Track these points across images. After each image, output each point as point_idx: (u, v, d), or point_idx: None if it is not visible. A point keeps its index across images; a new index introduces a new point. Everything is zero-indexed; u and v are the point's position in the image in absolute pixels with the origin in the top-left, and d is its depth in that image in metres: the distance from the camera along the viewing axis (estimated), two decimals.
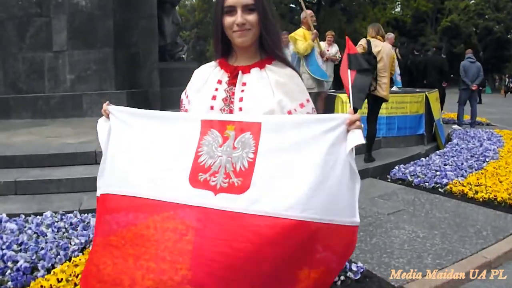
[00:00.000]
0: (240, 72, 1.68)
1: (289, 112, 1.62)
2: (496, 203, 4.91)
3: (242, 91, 1.65)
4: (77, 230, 3.53)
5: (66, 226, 3.61)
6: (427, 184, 5.60)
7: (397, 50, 12.25)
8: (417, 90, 8.65)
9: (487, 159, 6.67)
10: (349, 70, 1.67)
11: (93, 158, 5.22)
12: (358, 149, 1.53)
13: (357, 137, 1.45)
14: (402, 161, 6.60)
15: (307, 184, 1.41)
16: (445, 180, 5.57)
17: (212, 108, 1.65)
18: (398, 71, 10.00)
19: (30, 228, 3.49)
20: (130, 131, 1.65)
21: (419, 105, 7.84)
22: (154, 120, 1.63)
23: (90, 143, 5.88)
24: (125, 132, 1.67)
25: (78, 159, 5.24)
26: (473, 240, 3.91)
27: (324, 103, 7.47)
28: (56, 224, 3.60)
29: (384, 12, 50.17)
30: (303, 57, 7.02)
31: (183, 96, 1.84)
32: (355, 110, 1.99)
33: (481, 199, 5.01)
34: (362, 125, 1.51)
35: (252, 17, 1.62)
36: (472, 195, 5.13)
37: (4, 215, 3.78)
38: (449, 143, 8.20)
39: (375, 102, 6.39)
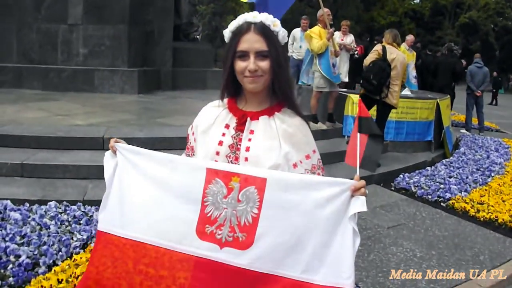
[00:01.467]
0: (248, 119, 1.67)
1: (295, 165, 1.62)
2: (496, 225, 4.91)
3: (250, 139, 1.64)
4: (80, 224, 3.57)
5: (70, 219, 3.65)
6: (430, 196, 5.61)
7: (418, 45, 12.09)
8: (429, 95, 8.58)
9: (492, 174, 6.65)
10: (358, 134, 1.66)
11: (101, 144, 5.26)
12: None
13: (361, 204, 1.47)
14: (408, 168, 6.59)
15: (309, 247, 1.46)
16: (448, 195, 5.57)
17: (218, 153, 1.65)
18: (414, 73, 9.92)
19: (33, 219, 3.54)
20: (137, 173, 1.66)
21: (430, 111, 7.80)
22: (160, 163, 1.63)
23: (98, 126, 5.92)
24: (132, 173, 1.67)
25: (86, 144, 5.27)
26: (469, 264, 3.93)
27: (335, 103, 7.43)
28: (59, 216, 3.64)
29: (403, 3, 49.51)
30: (316, 55, 6.96)
31: (189, 131, 1.83)
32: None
33: (482, 219, 5.02)
34: (367, 192, 1.52)
35: (264, 64, 1.60)
36: (474, 214, 5.13)
37: (9, 202, 3.82)
38: (456, 151, 8.16)
39: (385, 109, 6.38)
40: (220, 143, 1.67)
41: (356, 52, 9.73)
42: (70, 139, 5.29)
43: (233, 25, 1.69)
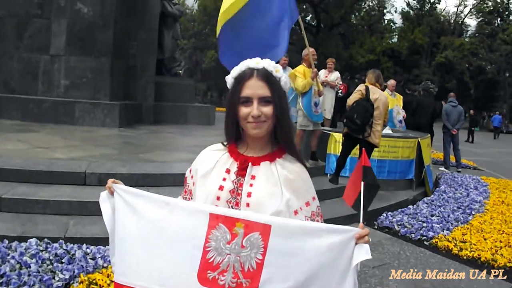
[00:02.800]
0: (250, 164, 1.67)
1: (295, 212, 1.61)
2: (479, 263, 4.93)
3: (251, 185, 1.63)
4: (62, 262, 3.47)
5: (51, 257, 3.53)
6: (413, 235, 5.63)
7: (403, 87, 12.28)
8: (410, 134, 8.71)
9: (473, 212, 6.73)
10: (362, 182, 1.68)
11: (82, 179, 5.17)
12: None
13: (365, 252, 1.48)
14: (390, 207, 6.62)
15: None
16: (431, 233, 5.60)
17: (218, 199, 1.62)
18: (399, 118, 10.02)
19: (13, 257, 3.42)
20: (135, 217, 1.62)
21: (411, 150, 7.92)
22: (161, 206, 1.59)
23: (79, 160, 5.82)
24: (131, 217, 1.63)
25: (67, 179, 5.17)
26: None
27: (318, 141, 7.48)
28: (40, 254, 3.52)
29: (381, 41, 50.88)
30: (300, 94, 7.04)
31: (187, 174, 1.81)
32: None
33: (465, 257, 5.03)
34: (370, 240, 1.51)
35: (267, 110, 1.60)
36: (457, 252, 5.15)
37: None
38: (437, 189, 8.25)
39: (367, 148, 6.44)
40: (221, 188, 1.64)
41: (340, 90, 9.87)
42: (51, 173, 5.17)
43: (236, 71, 1.70)
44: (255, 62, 1.67)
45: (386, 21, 56.74)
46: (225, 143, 1.77)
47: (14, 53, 10.00)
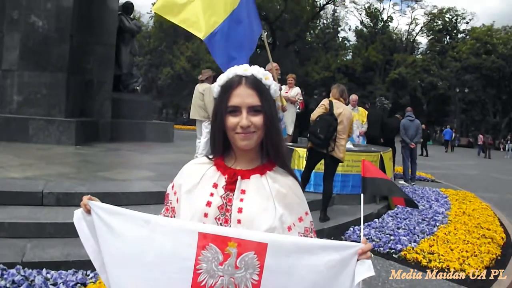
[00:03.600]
0: (239, 178, 1.54)
1: (289, 228, 1.50)
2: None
3: (241, 200, 1.50)
4: None
5: (8, 284, 3.27)
6: (381, 249, 5.60)
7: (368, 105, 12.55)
8: (373, 149, 8.78)
9: (437, 223, 6.79)
10: (362, 195, 1.61)
11: (39, 199, 4.89)
12: (313, 206, 1.47)
13: (367, 269, 1.39)
14: (356, 221, 6.58)
15: None
16: (399, 246, 5.59)
17: (206, 216, 1.49)
18: (357, 133, 10.13)
19: None
20: (115, 238, 1.46)
21: (374, 164, 7.94)
22: (141, 225, 1.44)
23: (36, 179, 5.54)
24: (110, 238, 1.47)
25: (23, 199, 4.86)
26: None
27: None
28: None
29: (336, 58, 51.98)
30: None
31: (169, 190, 1.66)
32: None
33: (434, 268, 5.03)
34: (372, 255, 1.42)
35: (257, 119, 1.49)
36: (426, 264, 5.15)
37: None
38: None
39: (332, 162, 6.41)
40: (209, 204, 1.50)
41: (297, 107, 9.87)
42: (5, 194, 4.85)
43: (222, 79, 1.58)
44: (243, 69, 1.55)
45: (340, 39, 58.30)
46: (210, 157, 1.64)
47: None
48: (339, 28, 57.51)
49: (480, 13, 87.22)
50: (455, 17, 54.47)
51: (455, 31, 55.00)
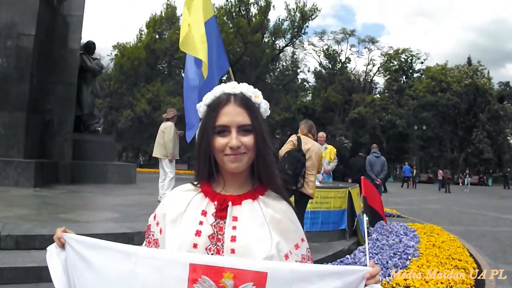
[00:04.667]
0: (230, 204, 1.42)
1: (286, 256, 1.38)
2: None
3: (234, 227, 1.38)
4: None
5: None
6: None
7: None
8: (340, 185, 8.78)
9: (409, 257, 6.74)
10: (364, 215, 1.54)
11: None
12: None
13: None
14: (328, 258, 6.48)
15: None
16: None
17: (195, 246, 1.35)
18: (327, 167, 10.17)
19: None
20: (93, 275, 1.31)
21: (343, 200, 7.93)
22: (122, 259, 1.29)
23: None
24: (87, 276, 1.32)
25: None
26: None
27: None
28: None
29: (296, 100, 52.86)
30: None
31: (151, 221, 1.51)
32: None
33: None
34: (380, 279, 1.32)
35: (248, 139, 1.39)
36: None
37: None
38: (369, 237, 8.26)
39: (302, 199, 6.33)
40: (198, 233, 1.37)
41: None
42: None
43: (209, 97, 1.47)
44: (231, 87, 1.45)
45: (300, 80, 59.35)
46: (195, 183, 1.51)
47: None
48: (299, 70, 58.73)
49: (433, 54, 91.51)
50: (410, 57, 56.72)
51: (411, 71, 57.23)
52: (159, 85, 45.93)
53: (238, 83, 1.48)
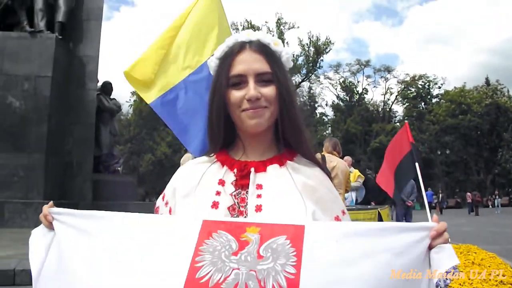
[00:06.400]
0: (252, 170, 1.17)
1: None
2: None
3: (259, 196, 1.13)
4: None
5: None
6: None
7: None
8: (369, 206, 8.47)
9: (448, 275, 6.35)
10: (417, 164, 1.31)
11: (11, 278, 4.40)
12: None
13: (449, 257, 0.98)
14: None
15: None
16: None
17: None
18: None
19: None
20: (89, 241, 1.08)
21: (372, 221, 7.58)
22: (125, 222, 1.08)
23: (8, 259, 5.03)
24: (81, 242, 1.09)
25: None
26: None
27: None
28: None
29: (316, 134, 52.66)
30: None
31: (159, 203, 1.28)
32: None
33: None
34: (449, 238, 1.04)
35: (268, 90, 1.15)
36: None
37: None
38: None
39: None
40: (215, 205, 1.13)
41: None
42: None
43: (220, 49, 1.24)
44: (246, 34, 1.22)
45: (318, 115, 59.16)
46: (210, 155, 1.27)
47: None
48: (316, 104, 58.71)
49: (450, 77, 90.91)
50: (428, 83, 56.19)
51: (429, 96, 56.60)
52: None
53: None
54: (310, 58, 51.47)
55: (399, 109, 59.49)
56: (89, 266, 1.02)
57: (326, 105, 60.28)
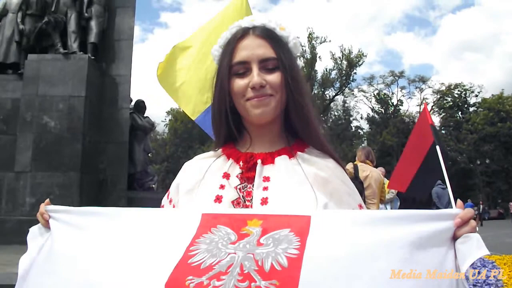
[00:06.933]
0: (259, 162, 1.11)
1: None
2: None
3: (265, 189, 1.07)
4: None
5: None
6: None
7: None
8: None
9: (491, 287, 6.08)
10: (437, 146, 1.23)
11: None
12: None
13: (477, 246, 0.86)
14: None
15: None
16: None
17: None
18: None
19: None
20: (81, 236, 1.06)
21: None
22: (122, 216, 1.06)
23: None
24: (73, 238, 1.07)
25: None
26: None
27: None
28: None
29: (352, 148, 52.15)
30: None
31: (164, 201, 1.27)
32: None
33: None
34: (476, 226, 0.93)
35: (274, 77, 1.09)
36: None
37: None
38: None
39: None
40: (218, 199, 1.08)
41: None
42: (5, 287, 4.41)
43: (224, 37, 1.19)
44: (250, 19, 1.17)
45: (353, 128, 58.58)
46: (216, 149, 1.23)
47: None
48: (351, 118, 58.20)
49: (487, 85, 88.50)
50: (464, 92, 54.79)
51: (466, 105, 55.21)
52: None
53: None
54: (343, 72, 51.20)
55: (435, 119, 58.30)
56: (80, 263, 0.99)
57: (361, 118, 59.79)
